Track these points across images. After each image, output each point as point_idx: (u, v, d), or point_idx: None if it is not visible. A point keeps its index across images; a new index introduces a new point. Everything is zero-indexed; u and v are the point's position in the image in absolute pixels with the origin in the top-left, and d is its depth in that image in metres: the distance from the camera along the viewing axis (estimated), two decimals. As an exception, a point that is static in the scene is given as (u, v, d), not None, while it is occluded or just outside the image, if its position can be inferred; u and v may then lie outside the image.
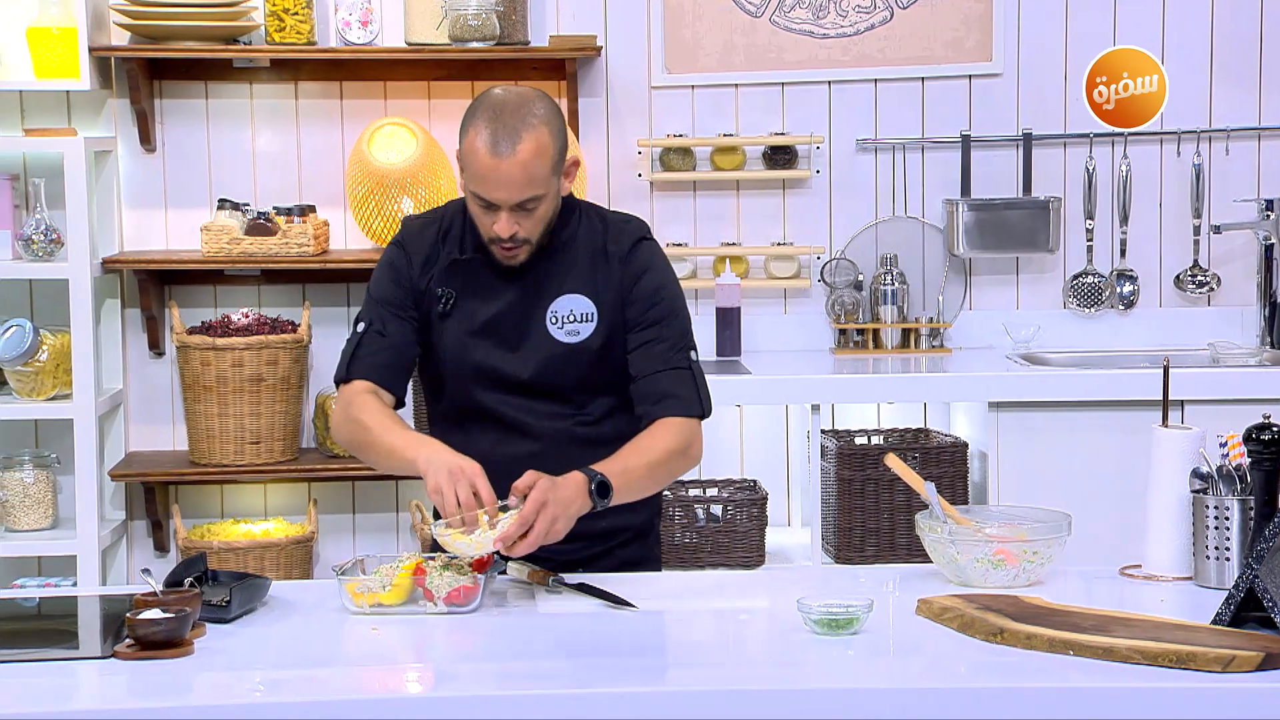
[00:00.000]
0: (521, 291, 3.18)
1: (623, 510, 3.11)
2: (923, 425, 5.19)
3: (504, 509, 2.90)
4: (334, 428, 3.26)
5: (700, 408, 3.17)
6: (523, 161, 3.03)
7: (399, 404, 3.24)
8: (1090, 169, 5.20)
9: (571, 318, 3.17)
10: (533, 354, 3.17)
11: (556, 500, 2.89)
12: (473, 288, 3.20)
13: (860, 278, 5.16)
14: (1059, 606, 2.78)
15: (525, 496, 2.88)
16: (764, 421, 5.15)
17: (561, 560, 3.08)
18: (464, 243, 3.21)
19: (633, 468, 3.04)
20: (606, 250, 3.19)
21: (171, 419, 5.14)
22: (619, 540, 3.23)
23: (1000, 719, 2.44)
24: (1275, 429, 2.90)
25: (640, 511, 3.24)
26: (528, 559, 3.00)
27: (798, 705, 2.45)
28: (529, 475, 2.91)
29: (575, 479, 2.94)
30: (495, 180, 3.04)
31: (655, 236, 3.29)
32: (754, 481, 5.03)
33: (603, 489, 2.96)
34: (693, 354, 3.20)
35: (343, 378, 3.21)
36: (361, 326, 3.23)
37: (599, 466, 2.99)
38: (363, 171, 4.88)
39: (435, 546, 3.01)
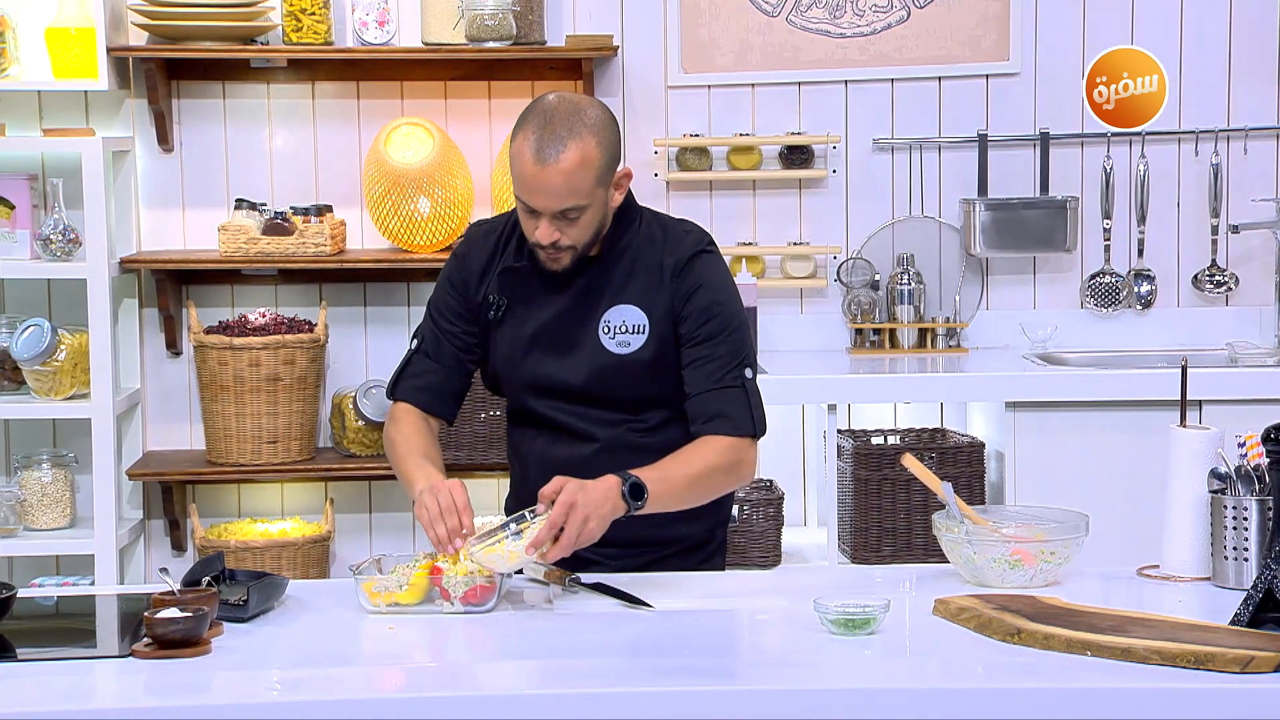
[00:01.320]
0: (574, 300, 3.16)
1: (676, 520, 3.11)
2: (939, 425, 5.18)
3: (534, 516, 2.88)
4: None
5: (752, 427, 3.13)
6: (565, 170, 3.00)
7: (449, 422, 3.28)
8: (1107, 168, 5.18)
9: (623, 328, 3.15)
10: (584, 362, 3.16)
11: (586, 502, 2.87)
12: (525, 295, 3.19)
13: (877, 277, 5.15)
14: (1076, 607, 2.78)
15: (554, 503, 2.87)
16: (780, 421, 5.14)
17: (613, 567, 3.09)
18: (520, 250, 3.20)
19: (672, 477, 3.02)
20: (662, 262, 3.16)
21: (189, 418, 5.15)
22: (671, 550, 3.21)
23: (1017, 719, 2.44)
24: (1293, 429, 2.89)
25: (696, 523, 3.22)
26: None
27: (814, 705, 2.45)
28: (556, 481, 2.90)
29: (607, 480, 2.93)
30: (536, 187, 3.02)
31: (717, 247, 3.24)
32: (770, 481, 5.02)
33: (636, 490, 2.94)
34: (748, 371, 3.15)
35: (390, 396, 3.29)
36: (414, 344, 3.28)
37: (637, 471, 2.97)
38: (379, 171, 4.89)
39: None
